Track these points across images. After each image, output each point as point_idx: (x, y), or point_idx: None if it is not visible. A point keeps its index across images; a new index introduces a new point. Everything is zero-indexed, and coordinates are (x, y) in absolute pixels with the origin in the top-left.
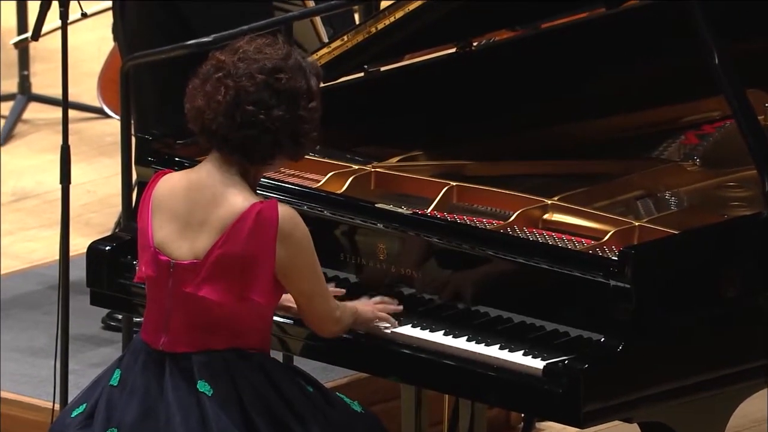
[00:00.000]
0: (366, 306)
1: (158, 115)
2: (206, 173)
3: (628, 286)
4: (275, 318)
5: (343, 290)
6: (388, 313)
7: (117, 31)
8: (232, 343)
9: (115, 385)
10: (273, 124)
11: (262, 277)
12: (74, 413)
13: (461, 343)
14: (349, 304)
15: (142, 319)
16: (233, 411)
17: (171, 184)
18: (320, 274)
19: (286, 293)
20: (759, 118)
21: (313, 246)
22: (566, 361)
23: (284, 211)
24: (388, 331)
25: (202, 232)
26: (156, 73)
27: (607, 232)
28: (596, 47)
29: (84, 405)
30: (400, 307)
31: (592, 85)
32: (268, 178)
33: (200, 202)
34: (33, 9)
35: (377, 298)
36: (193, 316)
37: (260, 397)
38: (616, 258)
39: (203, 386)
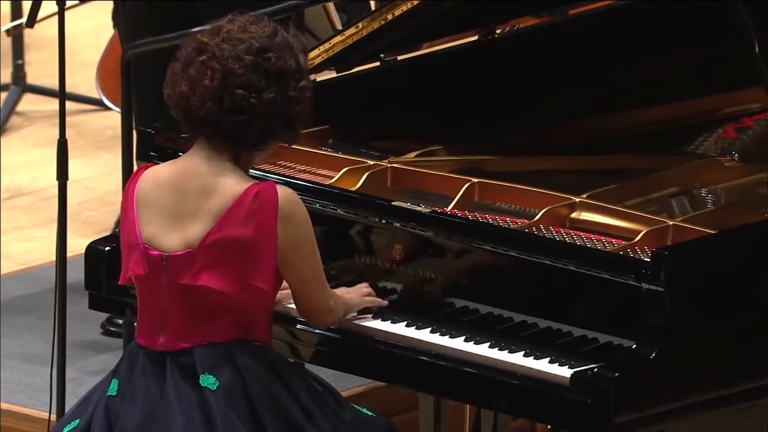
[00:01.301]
0: (351, 293)
1: (160, 108)
2: (193, 163)
3: (662, 289)
4: (285, 324)
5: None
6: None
7: (117, 18)
8: (234, 334)
9: (114, 395)
10: (264, 108)
11: (264, 261)
12: (66, 429)
13: (483, 349)
14: (338, 291)
15: None
16: (239, 403)
17: (155, 176)
18: (319, 260)
19: None
20: None
21: (313, 230)
22: (595, 369)
23: (283, 191)
24: (398, 333)
25: (194, 221)
26: (158, 63)
27: (639, 231)
28: (627, 35)
29: (77, 420)
30: (386, 303)
31: (622, 75)
32: (279, 174)
33: (190, 192)
34: None
35: (364, 285)
36: (192, 309)
37: (266, 388)
38: (648, 259)
39: (206, 380)
